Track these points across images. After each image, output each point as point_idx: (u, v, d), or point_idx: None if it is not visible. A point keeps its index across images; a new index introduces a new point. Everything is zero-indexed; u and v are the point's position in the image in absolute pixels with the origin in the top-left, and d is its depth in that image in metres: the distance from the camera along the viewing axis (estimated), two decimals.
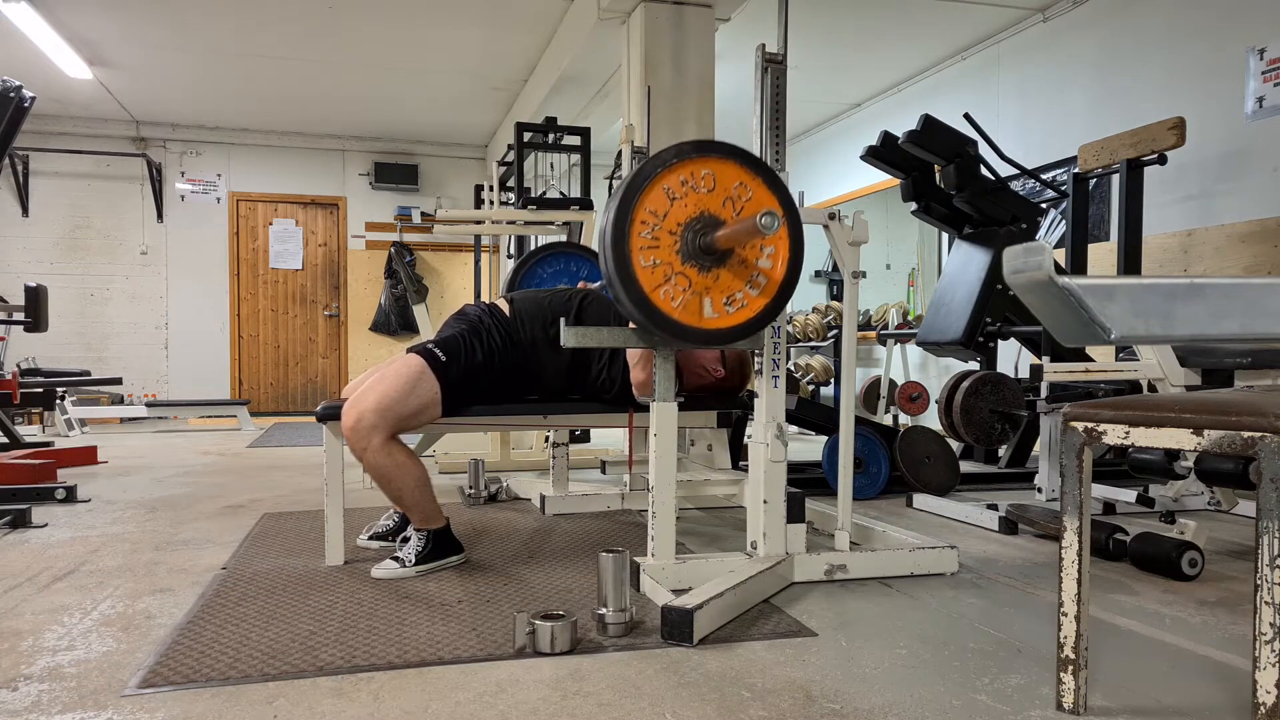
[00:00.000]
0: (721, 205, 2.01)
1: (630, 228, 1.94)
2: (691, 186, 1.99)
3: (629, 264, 1.94)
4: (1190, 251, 4.48)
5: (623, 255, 1.94)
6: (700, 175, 1.99)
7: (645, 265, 1.95)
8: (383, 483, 2.37)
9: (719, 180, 2.01)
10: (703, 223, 1.99)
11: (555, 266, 3.72)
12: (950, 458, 3.76)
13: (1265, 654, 1.20)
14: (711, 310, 2.02)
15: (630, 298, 1.95)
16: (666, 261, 1.97)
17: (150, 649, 1.77)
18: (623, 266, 1.94)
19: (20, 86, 3.89)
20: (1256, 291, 1.34)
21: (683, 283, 1.99)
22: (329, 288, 9.11)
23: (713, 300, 2.02)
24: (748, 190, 2.03)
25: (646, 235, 1.96)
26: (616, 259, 1.94)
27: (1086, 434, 1.42)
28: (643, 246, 1.95)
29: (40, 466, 3.81)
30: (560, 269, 3.72)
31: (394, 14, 5.67)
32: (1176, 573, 2.33)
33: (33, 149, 8.02)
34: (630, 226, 1.94)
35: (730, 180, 2.02)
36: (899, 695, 1.55)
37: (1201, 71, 4.46)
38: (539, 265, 3.70)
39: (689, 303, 1.99)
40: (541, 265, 3.71)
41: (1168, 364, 3.07)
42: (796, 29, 4.63)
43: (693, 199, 1.99)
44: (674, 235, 1.98)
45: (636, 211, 1.95)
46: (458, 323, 2.60)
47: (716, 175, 2.01)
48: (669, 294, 1.98)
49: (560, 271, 3.72)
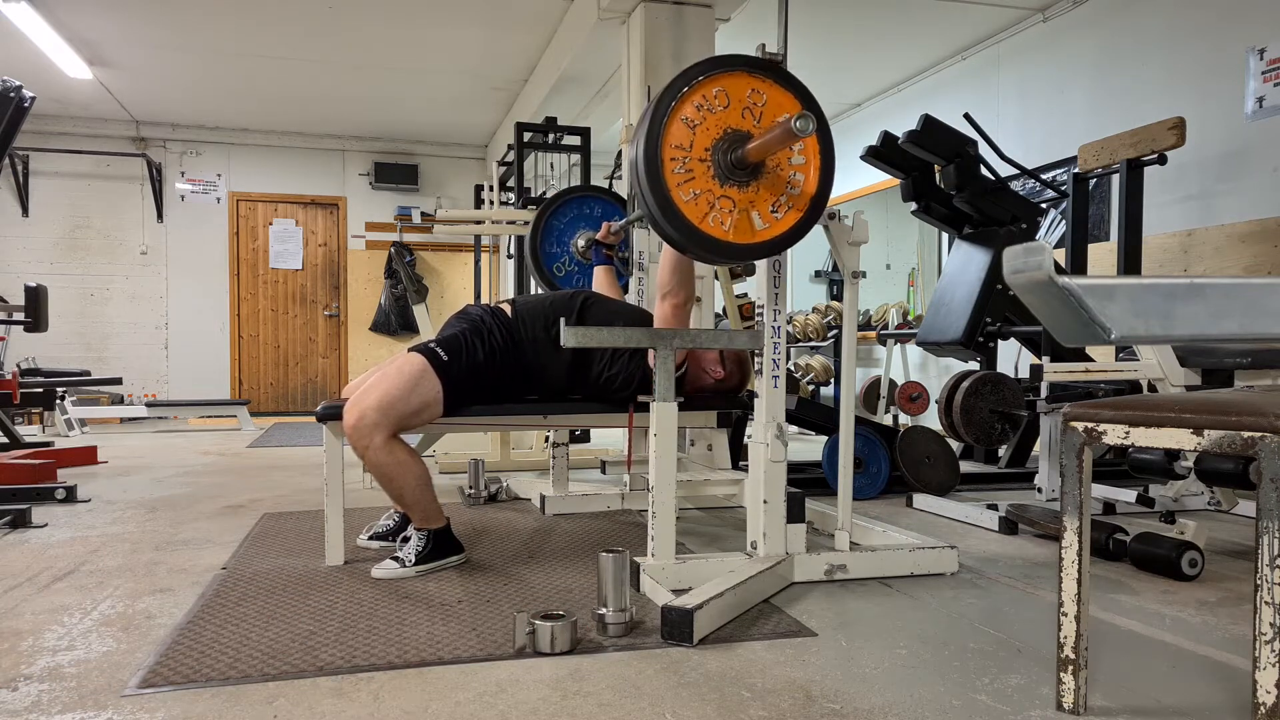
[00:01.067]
0: (741, 117, 1.98)
1: (662, 168, 1.92)
2: (708, 109, 1.96)
3: (671, 202, 1.91)
4: (1190, 251, 4.48)
5: (662, 194, 1.91)
6: (712, 94, 1.96)
7: (687, 199, 1.93)
8: (384, 481, 2.37)
9: (731, 94, 1.98)
10: (729, 140, 1.96)
11: (572, 212, 3.62)
12: (950, 458, 3.76)
13: (1265, 654, 1.20)
14: (762, 222, 1.99)
15: (683, 235, 1.93)
16: (706, 189, 1.95)
17: (150, 649, 1.77)
18: (665, 205, 1.91)
19: (20, 86, 3.89)
20: (1256, 291, 1.34)
21: (727, 205, 1.97)
22: (329, 288, 9.11)
23: (760, 213, 1.99)
24: (761, 95, 2.00)
25: (680, 170, 1.93)
26: (658, 200, 1.91)
27: (1086, 434, 1.42)
28: (679, 182, 1.93)
29: (40, 466, 3.81)
30: (577, 214, 3.63)
31: (394, 14, 5.68)
32: (1176, 573, 2.33)
33: (33, 149, 8.02)
34: (662, 167, 1.91)
35: (742, 90, 1.99)
36: (899, 695, 1.55)
37: (1201, 71, 4.46)
38: (554, 216, 3.61)
39: (738, 222, 1.97)
40: (557, 215, 3.61)
41: (1168, 364, 3.07)
42: (796, 29, 4.63)
43: (712, 120, 1.96)
44: (705, 162, 1.95)
45: (664, 150, 1.92)
46: (459, 322, 2.60)
47: (728, 90, 1.98)
48: (718, 219, 1.95)
49: (577, 216, 3.62)
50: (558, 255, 3.61)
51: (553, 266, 3.60)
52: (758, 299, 2.26)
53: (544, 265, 3.58)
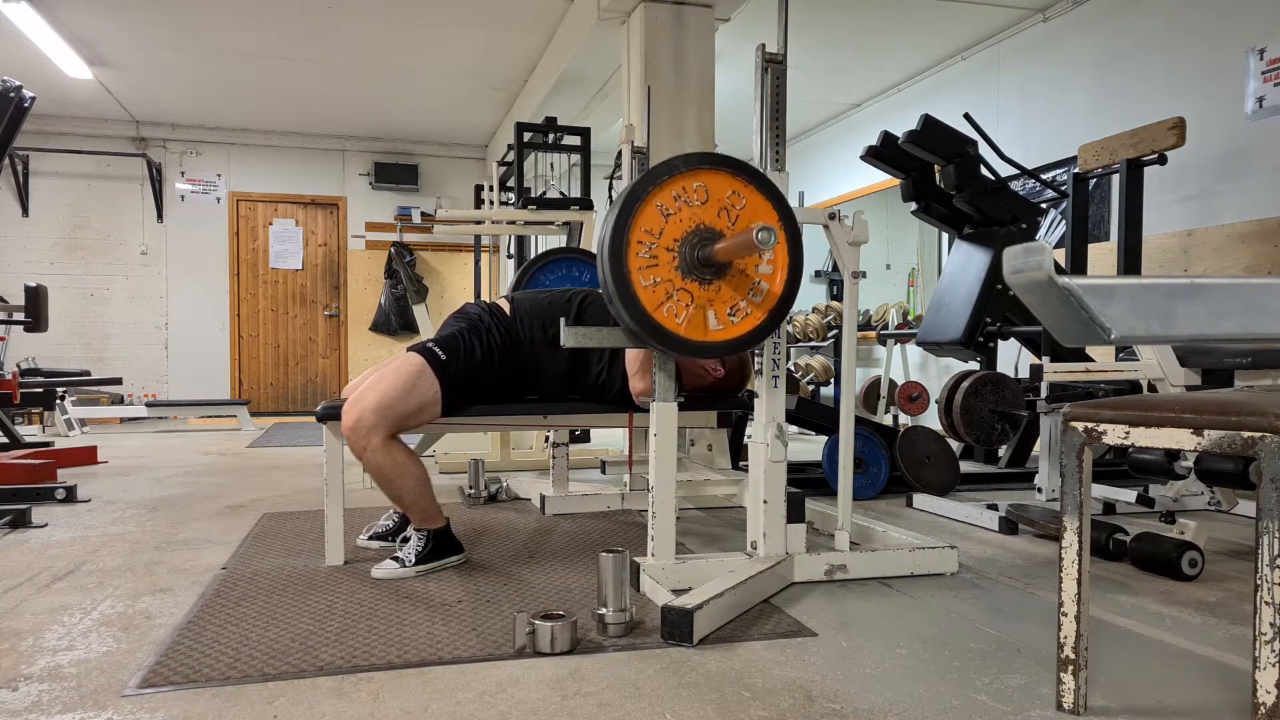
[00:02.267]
0: (716, 216, 2.00)
1: (627, 249, 1.93)
2: (685, 201, 1.98)
3: (629, 284, 1.93)
4: (1190, 251, 4.48)
5: (622, 276, 1.93)
6: (692, 189, 1.99)
7: (646, 285, 1.95)
8: (383, 482, 2.37)
9: (711, 191, 2.00)
10: (699, 236, 1.98)
11: (559, 273, 3.69)
12: (950, 458, 3.76)
13: (1265, 654, 1.20)
14: (716, 322, 2.01)
15: (634, 319, 1.95)
16: (667, 279, 1.97)
17: (150, 649, 1.77)
18: (623, 287, 1.93)
19: (20, 86, 3.89)
20: (1256, 291, 1.34)
21: (685, 298, 1.98)
22: (329, 288, 9.11)
23: (717, 313, 2.01)
24: (741, 198, 2.02)
25: (644, 255, 1.95)
26: (616, 279, 1.93)
27: (1086, 434, 1.42)
28: (641, 266, 1.94)
29: (40, 466, 3.81)
30: (564, 274, 3.69)
31: (394, 14, 5.68)
32: (1176, 573, 2.33)
33: (33, 149, 8.02)
34: (627, 247, 1.93)
35: (722, 190, 2.01)
36: (899, 695, 1.55)
37: (1201, 71, 4.46)
38: (541, 272, 3.68)
39: (693, 318, 1.99)
40: (544, 271, 3.69)
41: (1168, 364, 3.07)
42: (796, 29, 4.63)
43: (687, 213, 1.98)
44: (671, 252, 1.97)
45: (632, 231, 1.94)
46: (457, 321, 2.59)
47: (708, 187, 2.00)
48: (672, 310, 1.97)
49: (564, 277, 3.70)
50: None
51: None
52: None
53: None
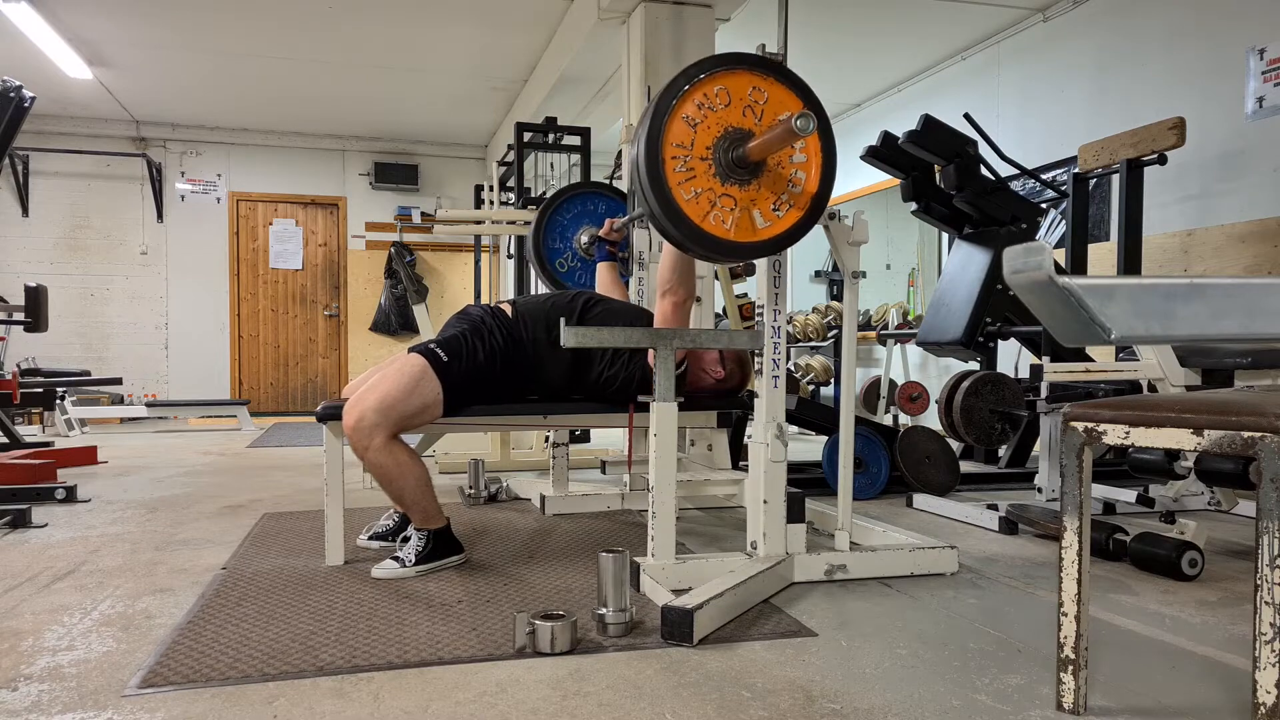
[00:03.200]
0: (742, 115, 1.98)
1: (663, 166, 1.92)
2: (708, 107, 1.96)
3: (672, 200, 1.92)
4: (1190, 251, 4.48)
5: (663, 193, 1.91)
6: (714, 93, 1.97)
7: (688, 198, 1.93)
8: (384, 482, 2.37)
9: (733, 93, 1.98)
10: (730, 139, 1.96)
11: (575, 209, 3.61)
12: (950, 458, 3.76)
13: (1265, 654, 1.20)
14: (763, 220, 2.00)
15: (684, 234, 1.94)
16: (707, 188, 1.95)
17: (150, 649, 1.77)
18: (667, 205, 1.92)
19: (20, 86, 3.90)
20: (1256, 291, 1.35)
21: (728, 203, 1.97)
22: (329, 288, 9.11)
23: (762, 211, 2.00)
24: (763, 93, 2.00)
25: (681, 169, 1.93)
26: (659, 199, 1.91)
27: (1086, 434, 1.42)
28: (680, 181, 1.93)
29: (40, 466, 3.81)
30: (580, 210, 3.63)
31: (394, 14, 5.68)
32: (1176, 573, 2.33)
33: (33, 149, 8.02)
34: (663, 165, 1.92)
35: (743, 88, 1.99)
36: (899, 695, 1.55)
37: (1201, 71, 4.46)
38: (558, 212, 3.59)
39: (740, 221, 1.98)
40: (561, 211, 3.60)
41: (1168, 364, 3.07)
42: (796, 29, 4.63)
43: (713, 119, 1.96)
44: (706, 160, 1.95)
45: (665, 149, 1.92)
46: (460, 322, 2.60)
47: (729, 88, 1.98)
48: (719, 218, 1.96)
49: (581, 213, 3.62)
50: (560, 251, 3.60)
51: (555, 262, 3.60)
52: (758, 299, 2.26)
53: (547, 260, 3.58)
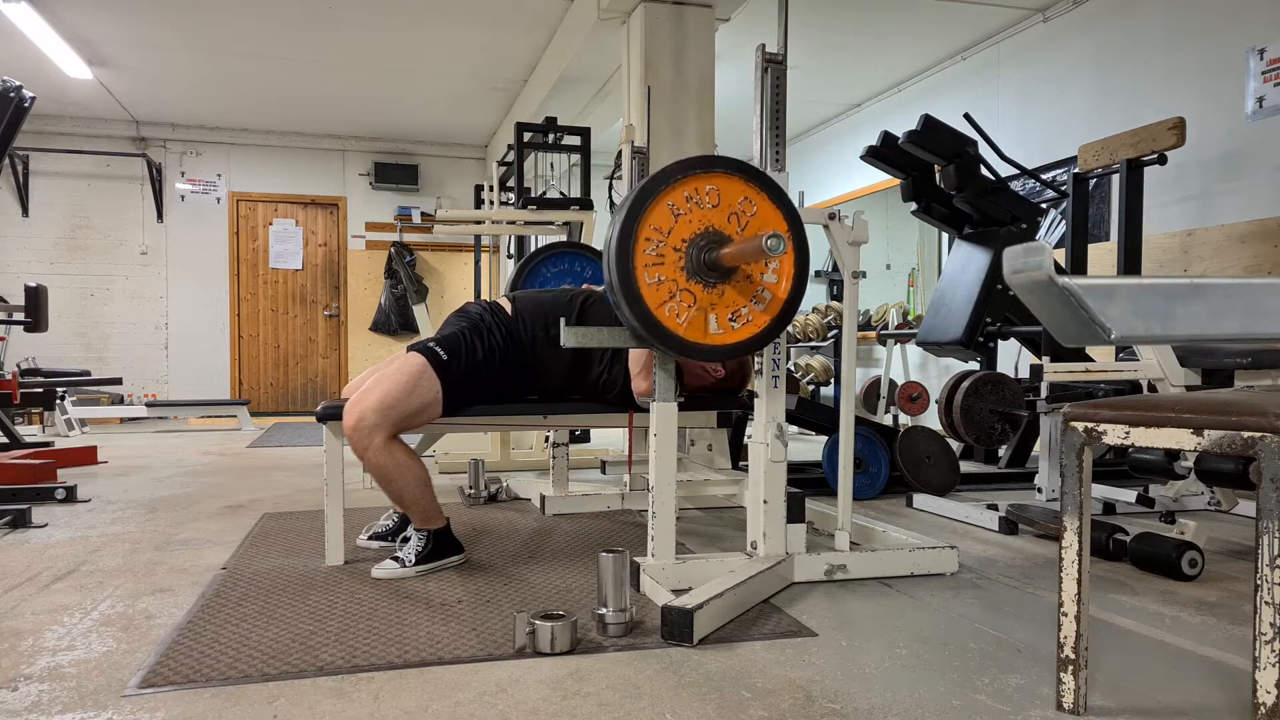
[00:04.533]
0: (726, 221, 2.01)
1: (635, 244, 1.94)
2: (696, 202, 1.99)
3: (633, 280, 1.94)
4: (1190, 251, 4.48)
5: (627, 271, 1.94)
6: (705, 191, 1.99)
7: (650, 282, 1.96)
8: (384, 482, 2.37)
9: (723, 196, 2.01)
10: (707, 239, 1.99)
11: (559, 266, 3.68)
12: (950, 458, 3.76)
13: (1265, 654, 1.20)
14: (716, 326, 2.02)
15: (635, 314, 1.95)
16: (671, 278, 1.98)
17: (150, 649, 1.77)
18: (627, 283, 1.94)
19: (20, 86, 3.90)
20: (1256, 291, 1.35)
21: (688, 299, 1.99)
22: (329, 288, 9.11)
23: (718, 317, 2.02)
24: (752, 205, 2.03)
25: (651, 252, 1.96)
26: (621, 275, 1.94)
27: (1086, 434, 1.42)
28: (647, 264, 1.95)
29: (40, 466, 3.81)
30: (564, 269, 3.68)
31: (394, 14, 5.67)
32: (1176, 573, 2.33)
33: (33, 149, 8.02)
34: (635, 243, 1.94)
35: (735, 195, 2.02)
36: (899, 695, 1.55)
37: (1201, 71, 4.46)
38: (543, 265, 3.67)
39: (694, 319, 2.00)
40: (545, 265, 3.67)
41: (1168, 364, 3.07)
42: (796, 29, 4.63)
43: (697, 215, 1.99)
44: (679, 252, 1.98)
45: (641, 228, 1.95)
46: (459, 321, 2.59)
47: (721, 190, 2.00)
48: (674, 310, 1.98)
49: (564, 272, 3.69)
50: None
51: None
52: None
53: None
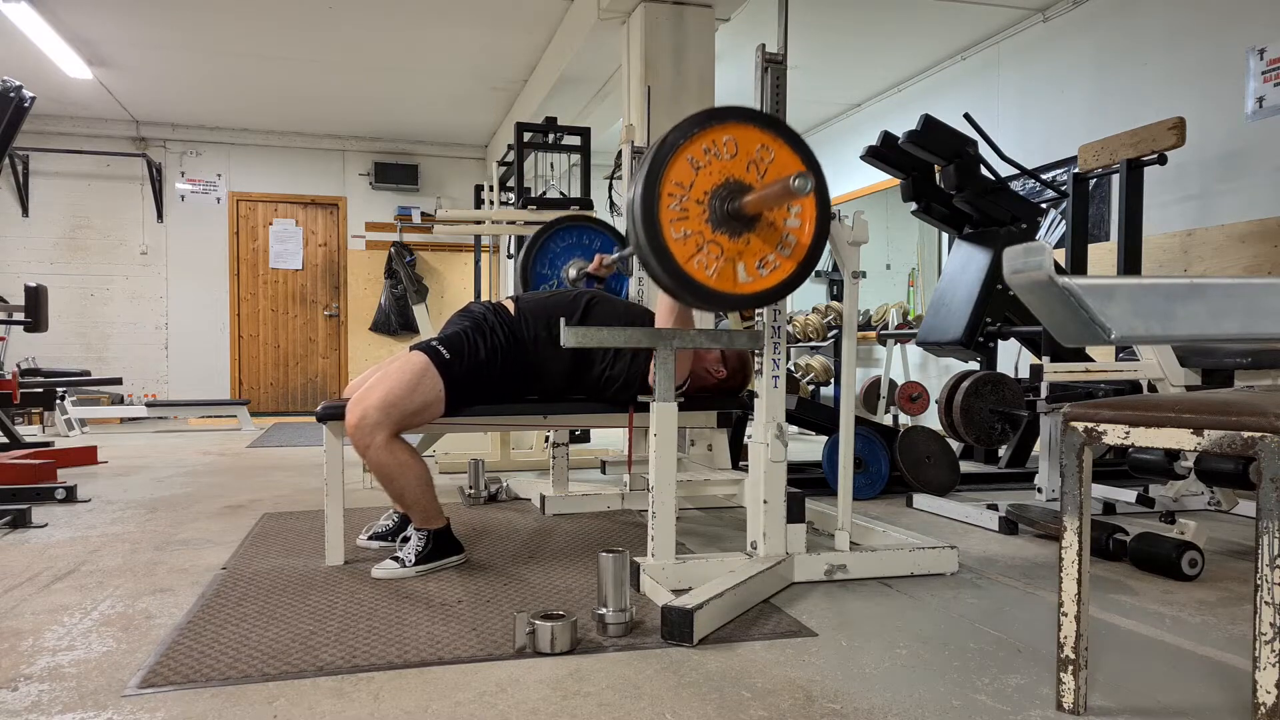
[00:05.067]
0: (746, 170, 2.00)
1: (658, 202, 1.94)
2: (714, 154, 1.98)
3: (660, 236, 1.94)
4: (1190, 251, 4.48)
5: (654, 228, 1.93)
6: (722, 142, 1.99)
7: (677, 237, 1.95)
8: (385, 481, 2.37)
9: (741, 145, 2.00)
10: (729, 189, 1.98)
11: (568, 240, 3.66)
12: (950, 458, 3.76)
13: (1265, 654, 1.20)
14: (745, 274, 2.02)
15: (665, 270, 1.95)
16: (697, 231, 1.97)
17: (150, 649, 1.77)
18: (655, 240, 1.94)
19: (20, 86, 3.90)
20: (1256, 291, 1.35)
21: (715, 250, 1.99)
22: (329, 288, 9.11)
23: (746, 265, 2.02)
24: (770, 152, 2.02)
25: (675, 207, 1.95)
26: (648, 233, 1.93)
27: (1086, 434, 1.42)
28: (673, 219, 1.95)
29: (40, 466, 3.81)
30: (573, 242, 3.66)
31: (394, 14, 5.67)
32: (1176, 573, 2.33)
33: (33, 149, 8.02)
34: (658, 200, 1.94)
35: (752, 144, 2.01)
36: (899, 695, 1.55)
37: (1201, 71, 4.46)
38: (552, 240, 3.65)
39: (723, 270, 2.00)
40: (554, 239, 3.65)
41: (1168, 364, 3.07)
42: (796, 29, 4.63)
43: (717, 166, 1.98)
44: (701, 205, 1.98)
45: (663, 184, 1.94)
46: (461, 320, 2.60)
47: (738, 140, 2.00)
48: (702, 263, 1.98)
49: (574, 245, 3.66)
50: (547, 278, 3.64)
51: (540, 287, 3.63)
52: None
53: (532, 285, 3.62)
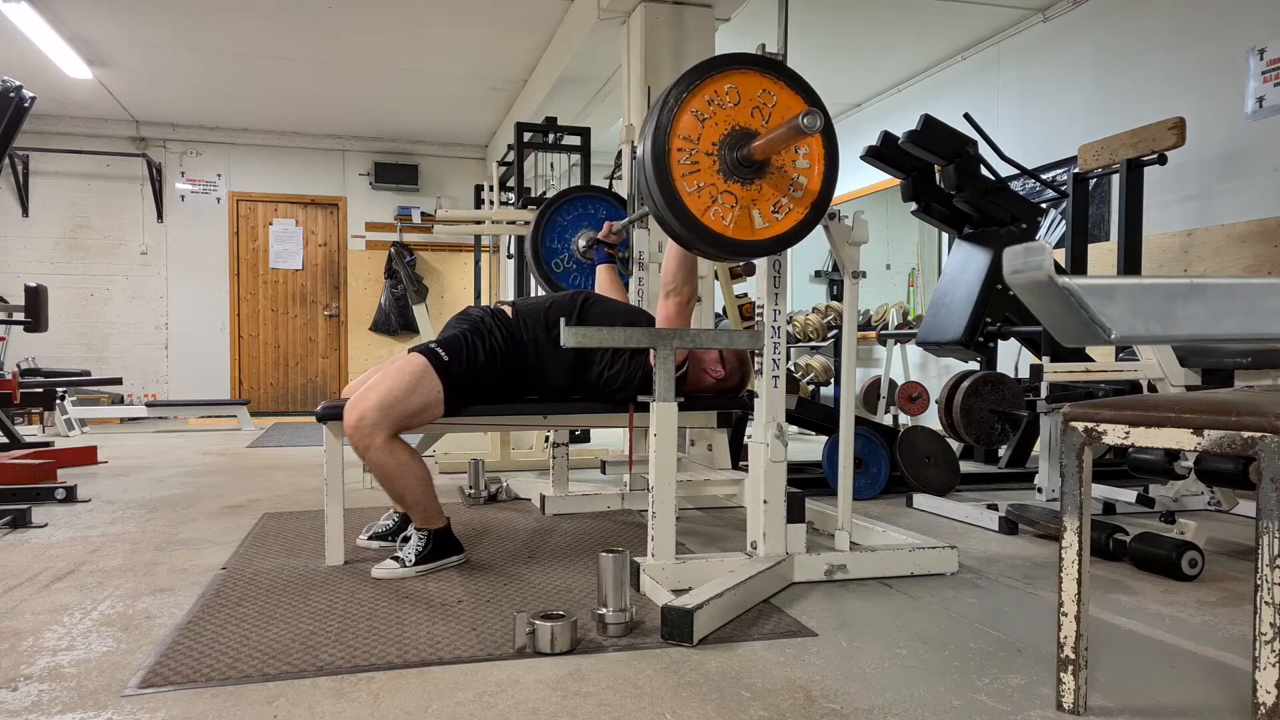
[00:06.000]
0: (750, 116, 2.01)
1: (669, 157, 1.94)
2: (717, 104, 1.98)
3: (675, 193, 1.94)
4: (1190, 251, 4.48)
5: (668, 184, 1.93)
6: (724, 90, 1.99)
7: (690, 191, 1.96)
8: (385, 482, 2.37)
9: (743, 92, 2.00)
10: (735, 137, 1.99)
11: (575, 211, 3.66)
12: (950, 458, 3.76)
13: (1265, 654, 1.20)
14: (762, 220, 2.02)
15: (683, 225, 1.96)
16: (710, 183, 1.98)
17: (150, 649, 1.77)
18: (669, 196, 1.94)
19: (20, 86, 3.89)
20: (1256, 291, 1.34)
21: (729, 200, 1.99)
22: (329, 288, 9.11)
23: (761, 211, 2.02)
24: (772, 96, 2.02)
25: (686, 161, 1.95)
26: (662, 190, 1.94)
27: (1086, 434, 1.42)
28: (684, 173, 1.95)
29: (40, 466, 3.81)
30: (580, 212, 3.66)
31: (394, 14, 5.68)
32: (1176, 573, 2.33)
33: (33, 149, 8.02)
34: (669, 156, 1.94)
35: (753, 89, 2.01)
36: (899, 695, 1.55)
37: (1201, 71, 4.46)
38: (558, 213, 3.65)
39: (739, 219, 2.00)
40: (561, 211, 3.65)
41: (1168, 364, 3.07)
42: (796, 29, 4.63)
43: (721, 116, 1.99)
44: (711, 156, 1.98)
45: (672, 140, 1.94)
46: (460, 323, 2.60)
47: (739, 87, 2.00)
48: (719, 214, 1.98)
49: (580, 215, 3.65)
50: (557, 251, 3.63)
51: (552, 262, 3.62)
52: (758, 299, 2.26)
53: (544, 260, 3.60)
